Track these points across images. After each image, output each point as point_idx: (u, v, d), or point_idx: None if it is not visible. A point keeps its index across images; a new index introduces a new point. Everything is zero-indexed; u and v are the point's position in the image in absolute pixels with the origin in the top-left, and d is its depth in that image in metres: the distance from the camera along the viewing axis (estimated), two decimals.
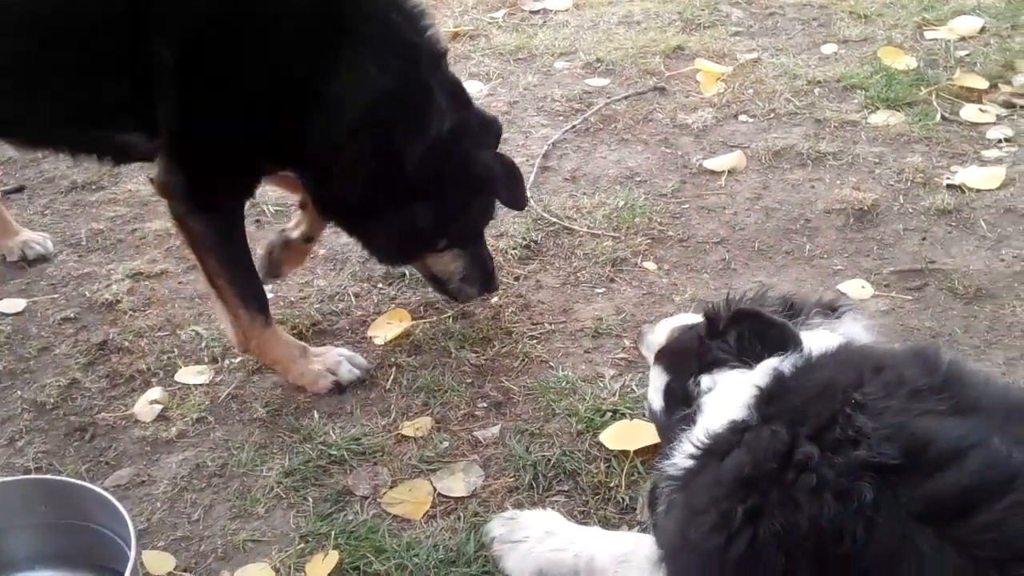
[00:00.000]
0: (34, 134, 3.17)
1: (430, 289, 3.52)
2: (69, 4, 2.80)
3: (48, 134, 3.15)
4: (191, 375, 3.30)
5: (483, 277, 3.36)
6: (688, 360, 2.28)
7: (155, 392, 3.22)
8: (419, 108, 2.99)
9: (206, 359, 3.37)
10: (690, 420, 2.11)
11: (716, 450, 1.94)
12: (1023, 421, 1.77)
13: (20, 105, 2.99)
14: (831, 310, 2.35)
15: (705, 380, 2.18)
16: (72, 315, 3.60)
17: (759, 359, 2.08)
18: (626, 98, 4.73)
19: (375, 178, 3.01)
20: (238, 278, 3.13)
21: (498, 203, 3.26)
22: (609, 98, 4.74)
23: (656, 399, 2.44)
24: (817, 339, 2.14)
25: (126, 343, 3.45)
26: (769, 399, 1.96)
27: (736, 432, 1.93)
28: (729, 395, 2.05)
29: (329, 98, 2.86)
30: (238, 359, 3.33)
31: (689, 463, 1.98)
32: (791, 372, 2.01)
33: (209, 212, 3.04)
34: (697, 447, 1.98)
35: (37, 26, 2.81)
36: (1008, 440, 1.68)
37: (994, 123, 4.34)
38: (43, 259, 3.90)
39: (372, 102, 2.89)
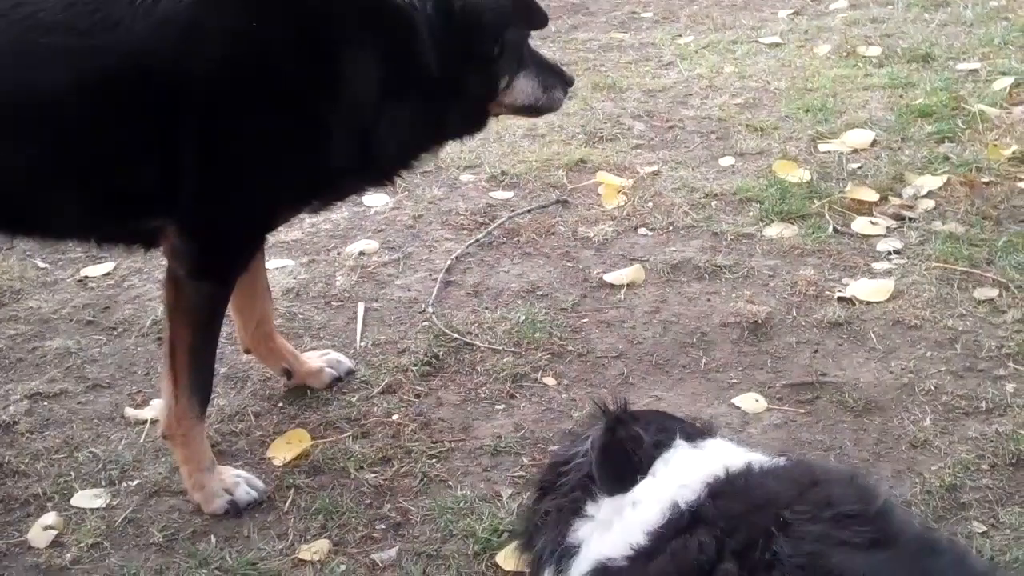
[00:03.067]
0: (61, 229, 3.24)
1: (331, 407, 3.55)
2: (99, 92, 2.87)
3: (76, 228, 3.21)
4: (88, 499, 3.27)
5: (558, 76, 3.49)
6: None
7: (50, 517, 3.18)
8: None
9: (103, 482, 3.34)
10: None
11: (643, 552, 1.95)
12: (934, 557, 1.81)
13: (48, 202, 3.06)
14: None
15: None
16: None
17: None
18: (529, 211, 4.82)
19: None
20: (200, 360, 3.17)
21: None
22: (513, 211, 4.83)
23: None
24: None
25: (22, 466, 3.41)
26: (714, 496, 1.97)
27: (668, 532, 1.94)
28: (668, 483, 2.07)
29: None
30: (135, 482, 3.32)
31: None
32: (739, 472, 2.04)
33: (211, 280, 3.13)
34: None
35: (66, 121, 2.90)
36: None
37: (884, 235, 4.47)
38: None
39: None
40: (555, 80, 3.46)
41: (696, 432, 2.27)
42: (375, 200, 4.97)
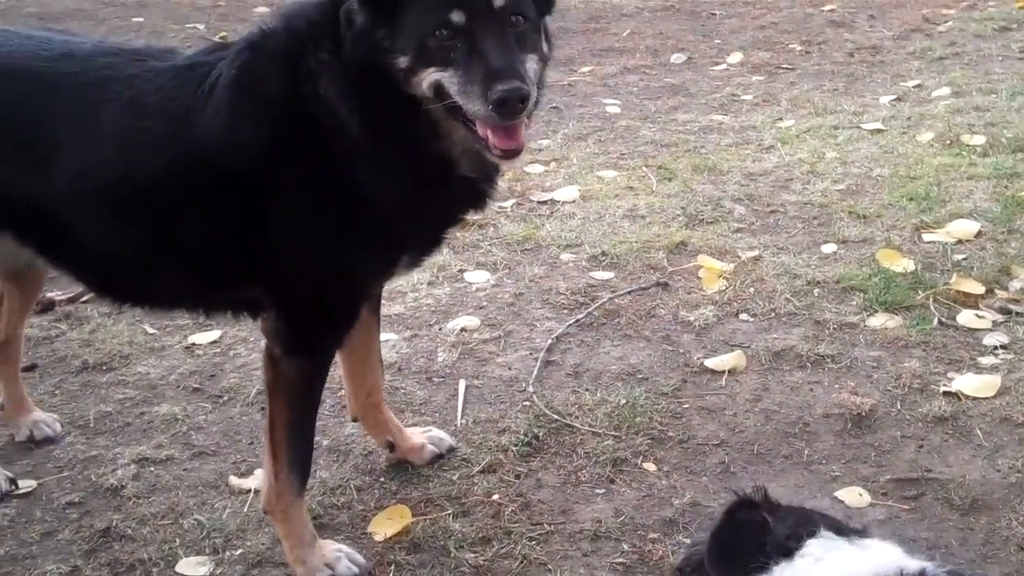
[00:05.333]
0: (166, 300, 3.38)
1: (432, 484, 3.57)
2: (179, 174, 3.01)
3: (180, 299, 3.34)
4: (192, 566, 3.32)
5: (482, 80, 2.71)
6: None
7: None
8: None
9: (207, 550, 3.39)
10: None
11: None
12: None
13: (152, 276, 3.25)
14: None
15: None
16: (77, 499, 3.64)
17: None
18: (630, 293, 4.83)
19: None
20: (298, 437, 3.23)
21: None
22: (613, 292, 4.84)
23: None
24: None
25: (129, 530, 3.48)
26: None
27: None
28: None
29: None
30: (239, 551, 3.36)
31: None
32: None
33: (305, 357, 3.17)
34: None
35: (158, 201, 3.05)
36: None
37: (990, 329, 4.41)
38: (50, 440, 3.95)
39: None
40: (475, 88, 2.74)
41: (848, 529, 2.23)
42: (477, 276, 5.03)
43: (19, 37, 3.28)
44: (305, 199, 2.98)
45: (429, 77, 2.79)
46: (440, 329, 4.62)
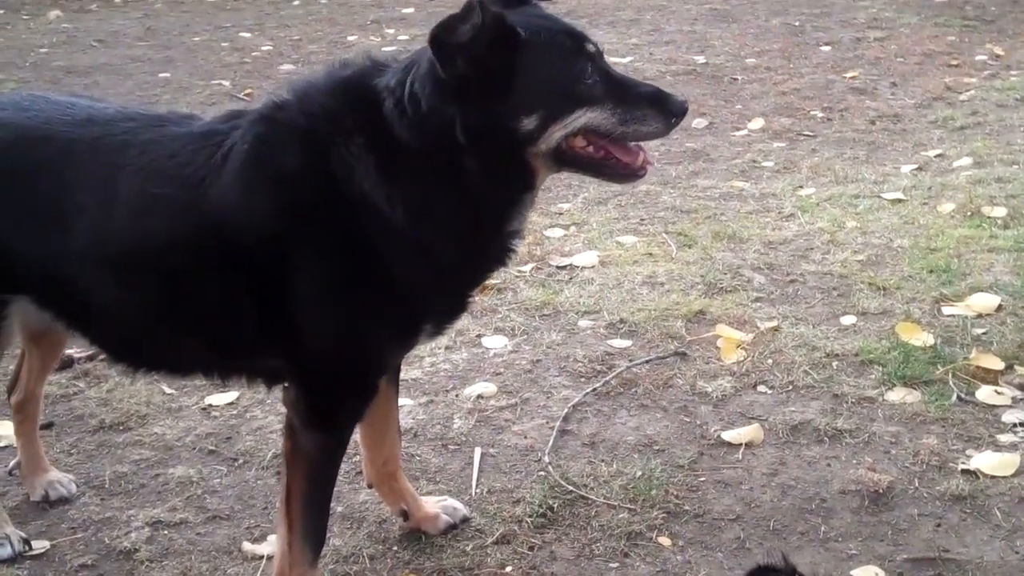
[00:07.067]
0: (182, 366, 3.41)
1: (445, 554, 3.56)
2: (192, 243, 3.04)
3: (196, 366, 3.35)
4: None
5: (649, 102, 2.96)
6: None
7: None
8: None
9: None
10: None
11: None
12: None
13: (167, 342, 3.27)
14: None
15: None
16: (90, 562, 3.64)
17: None
18: (647, 362, 4.83)
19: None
20: (314, 509, 3.23)
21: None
22: (631, 361, 4.84)
23: None
24: None
25: None
26: None
27: None
28: None
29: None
30: None
31: None
32: None
33: (324, 431, 3.17)
34: None
35: (172, 269, 3.08)
36: None
37: (1009, 406, 4.38)
38: (65, 501, 3.95)
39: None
40: (644, 109, 2.96)
41: None
42: (494, 342, 5.04)
43: (44, 102, 3.33)
44: (326, 274, 3.00)
45: (573, 124, 2.89)
46: (457, 395, 4.62)
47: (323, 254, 2.98)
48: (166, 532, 3.79)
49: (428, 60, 2.86)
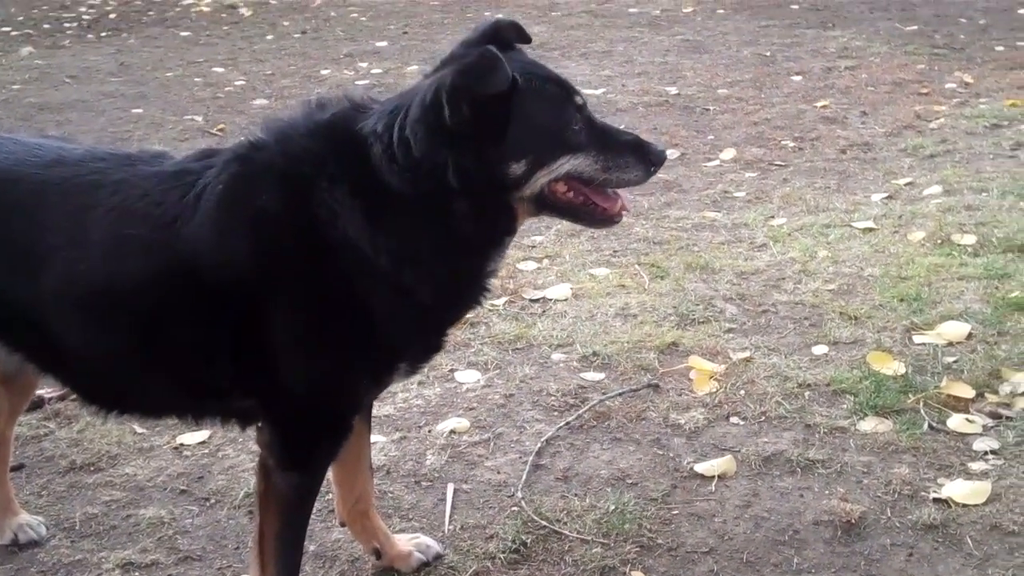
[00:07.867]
0: (154, 408, 3.41)
1: None
2: (164, 284, 3.03)
3: (167, 408, 3.35)
4: None
5: (631, 150, 3.08)
6: None
7: None
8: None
9: None
10: None
11: None
12: None
13: (138, 384, 3.26)
14: None
15: None
16: None
17: None
18: (620, 395, 4.83)
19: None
20: (287, 548, 3.24)
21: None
22: (604, 394, 4.84)
23: None
24: None
25: None
26: None
27: None
28: None
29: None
30: None
31: None
32: None
33: (298, 471, 3.17)
34: None
35: (142, 310, 3.06)
36: None
37: (981, 434, 4.40)
38: (35, 544, 3.92)
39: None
40: (627, 159, 3.07)
41: None
42: (467, 376, 5.03)
43: (13, 143, 3.32)
44: (304, 317, 3.00)
45: (558, 170, 2.95)
46: (430, 431, 4.61)
47: (301, 296, 2.98)
48: (137, 574, 3.76)
49: (421, 105, 2.87)
